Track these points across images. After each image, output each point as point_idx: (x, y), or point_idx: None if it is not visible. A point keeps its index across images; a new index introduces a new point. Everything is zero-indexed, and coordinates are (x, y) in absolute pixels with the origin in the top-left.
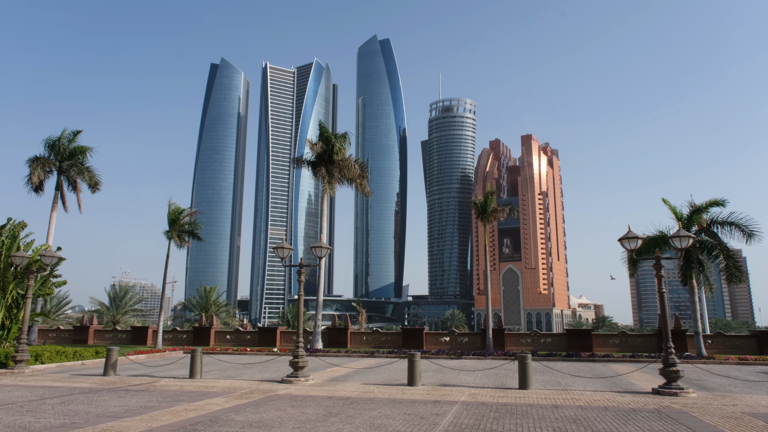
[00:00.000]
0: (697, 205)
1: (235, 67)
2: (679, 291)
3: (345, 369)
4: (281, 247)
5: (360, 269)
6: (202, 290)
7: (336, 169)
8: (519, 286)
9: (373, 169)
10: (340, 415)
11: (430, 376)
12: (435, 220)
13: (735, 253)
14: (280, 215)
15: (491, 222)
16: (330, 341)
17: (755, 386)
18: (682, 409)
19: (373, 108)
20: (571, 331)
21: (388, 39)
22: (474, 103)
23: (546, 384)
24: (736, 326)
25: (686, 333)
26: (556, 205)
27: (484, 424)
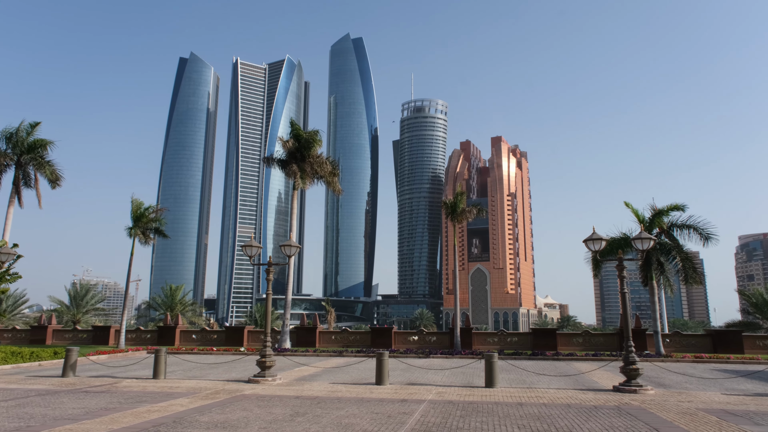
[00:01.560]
0: (659, 209)
1: (205, 62)
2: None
3: (313, 368)
4: (250, 246)
5: (330, 268)
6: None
7: (308, 167)
8: (487, 285)
9: (345, 167)
10: (307, 415)
11: (398, 375)
12: (405, 220)
13: (693, 256)
14: (249, 213)
15: (461, 222)
16: (298, 340)
17: (709, 383)
18: (641, 405)
19: (345, 106)
20: (537, 330)
21: (361, 38)
22: (445, 104)
23: (512, 382)
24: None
25: (646, 332)
26: (524, 207)
27: (450, 422)
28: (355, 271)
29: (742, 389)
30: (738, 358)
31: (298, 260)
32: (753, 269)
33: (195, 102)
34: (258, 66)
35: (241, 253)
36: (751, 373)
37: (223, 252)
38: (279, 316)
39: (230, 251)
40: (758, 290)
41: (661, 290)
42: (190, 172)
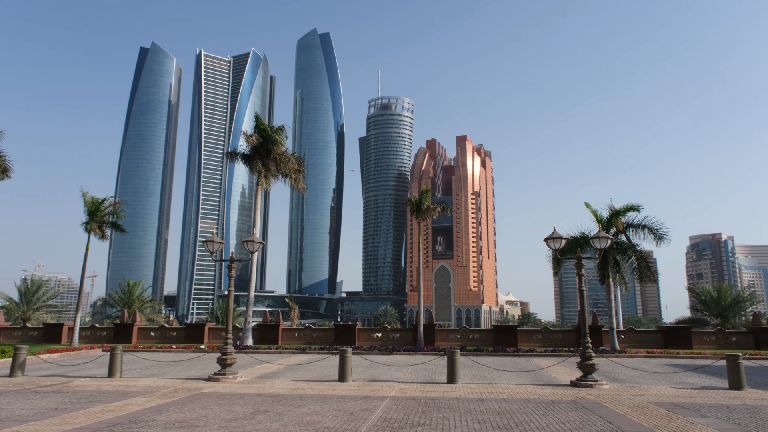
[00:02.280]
0: (616, 209)
1: (167, 53)
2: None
3: (275, 366)
4: (211, 241)
5: (294, 265)
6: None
7: (272, 163)
8: (450, 283)
9: (310, 164)
10: (268, 413)
11: (361, 371)
12: (371, 217)
13: (647, 255)
14: (211, 208)
15: (425, 220)
16: (261, 338)
17: (660, 377)
18: (596, 400)
19: (312, 102)
20: (498, 327)
21: (329, 33)
22: (412, 102)
23: (473, 378)
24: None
25: (602, 329)
26: (487, 205)
27: (412, 418)
28: (319, 268)
29: (690, 383)
30: (687, 353)
31: (261, 256)
32: (702, 268)
33: (156, 94)
34: (222, 59)
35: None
36: (699, 367)
37: (184, 248)
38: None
39: (191, 247)
40: (706, 288)
41: (617, 288)
42: (151, 166)
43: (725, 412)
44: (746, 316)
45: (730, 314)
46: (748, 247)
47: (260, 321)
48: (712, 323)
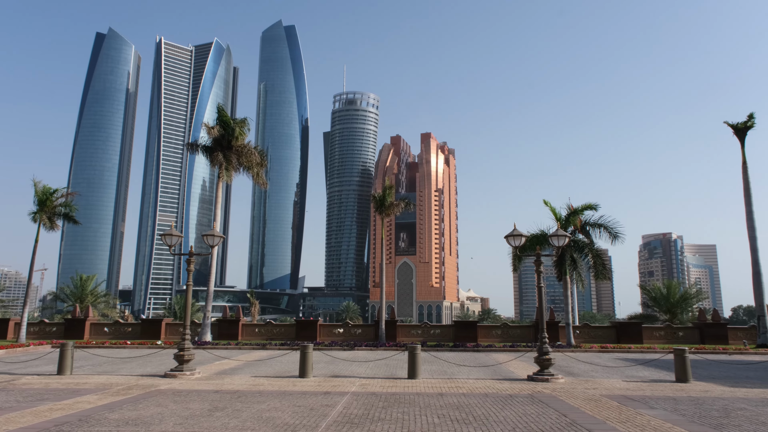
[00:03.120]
0: (574, 208)
1: (125, 39)
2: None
3: (235, 362)
4: (170, 234)
5: (255, 259)
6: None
7: (234, 156)
8: (413, 279)
9: (274, 157)
10: (226, 409)
11: (322, 367)
12: (334, 212)
13: (602, 253)
14: (170, 201)
15: (389, 216)
16: (220, 333)
17: (612, 371)
18: (552, 393)
19: (276, 95)
20: (459, 322)
21: (294, 26)
22: (377, 98)
23: (433, 373)
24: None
25: (559, 324)
26: (450, 202)
27: (372, 413)
28: (281, 263)
29: (640, 376)
30: (638, 348)
31: (222, 251)
32: (653, 266)
33: (113, 81)
34: (184, 48)
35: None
36: (648, 361)
37: (141, 241)
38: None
39: (149, 240)
40: (657, 285)
41: (574, 285)
42: (106, 156)
43: (672, 404)
44: (693, 312)
45: (678, 310)
46: (696, 246)
47: (220, 316)
48: (662, 319)
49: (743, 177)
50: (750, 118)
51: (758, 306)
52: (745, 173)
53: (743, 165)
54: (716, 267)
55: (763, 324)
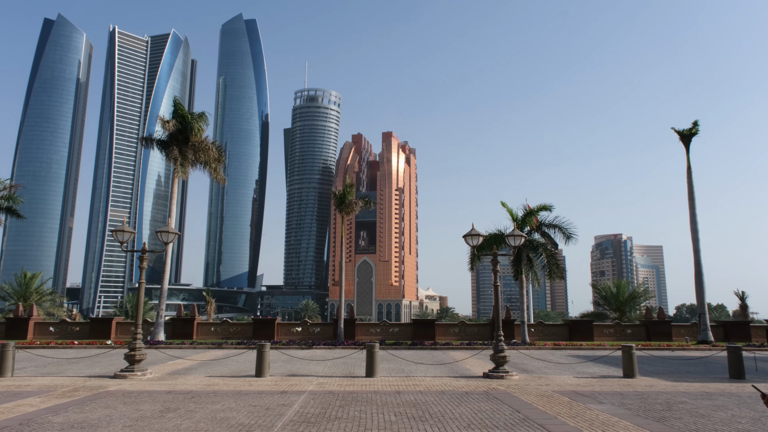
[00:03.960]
0: (530, 208)
1: (76, 27)
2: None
3: (189, 361)
4: (121, 231)
5: (212, 257)
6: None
7: (190, 151)
8: (372, 277)
9: (232, 153)
10: (179, 410)
11: (279, 366)
12: (294, 210)
13: (557, 253)
14: (123, 196)
15: (349, 214)
16: (174, 332)
17: (564, 368)
18: (506, 390)
19: (235, 90)
20: (417, 321)
21: (255, 20)
22: (339, 96)
23: (391, 371)
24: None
25: (515, 322)
26: (410, 201)
27: (329, 412)
28: (239, 261)
29: (590, 372)
30: (588, 345)
31: (177, 248)
32: (605, 266)
33: (62, 70)
34: (139, 38)
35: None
36: (598, 357)
37: (92, 237)
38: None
39: (100, 236)
40: (607, 285)
41: (530, 284)
42: (54, 148)
43: (619, 399)
44: (640, 310)
45: (627, 308)
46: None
47: (174, 315)
48: (612, 317)
49: (688, 181)
50: (695, 126)
51: (699, 304)
52: (690, 177)
53: (688, 170)
54: (662, 267)
55: (704, 321)
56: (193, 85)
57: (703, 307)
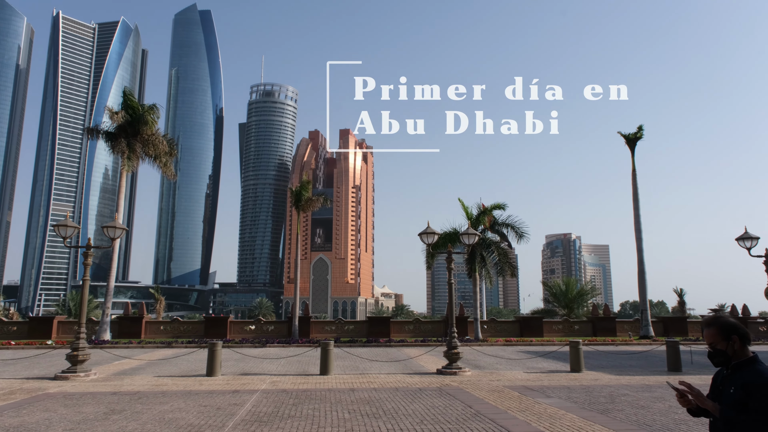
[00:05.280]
0: (485, 207)
1: (15, 9)
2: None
3: (136, 361)
4: (64, 225)
5: (162, 254)
6: None
7: (139, 144)
8: (328, 275)
9: (185, 147)
10: (124, 412)
11: (231, 365)
12: (249, 206)
13: (509, 251)
14: (67, 189)
15: (306, 211)
16: (121, 332)
17: (515, 363)
18: (459, 386)
19: (189, 82)
20: (373, 318)
21: (209, 11)
22: (296, 91)
23: (346, 369)
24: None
25: (468, 319)
26: (367, 199)
27: (282, 410)
28: (191, 258)
29: (539, 367)
30: (538, 341)
31: (125, 244)
32: (555, 264)
33: (0, 55)
34: (85, 24)
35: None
36: (548, 353)
37: (32, 232)
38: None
39: (41, 231)
40: (557, 282)
41: (483, 281)
42: None
43: (566, 392)
44: (587, 307)
45: (575, 305)
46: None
47: (121, 314)
48: (561, 313)
49: (632, 183)
50: (639, 130)
51: (642, 301)
52: (635, 180)
53: (633, 172)
54: (609, 265)
55: (645, 318)
56: (143, 76)
57: (645, 304)
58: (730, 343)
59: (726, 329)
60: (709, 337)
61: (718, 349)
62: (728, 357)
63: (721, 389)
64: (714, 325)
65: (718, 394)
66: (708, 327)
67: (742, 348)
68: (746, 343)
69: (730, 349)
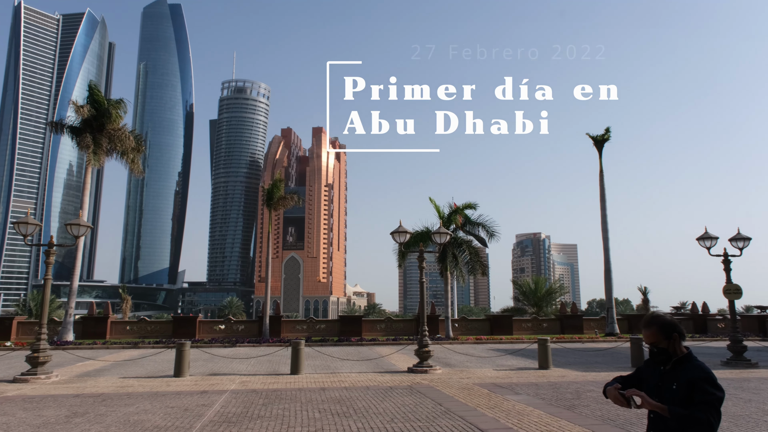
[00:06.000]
0: (457, 207)
1: None
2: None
3: (101, 362)
4: (25, 222)
5: (129, 252)
6: None
7: (105, 140)
8: (300, 274)
9: (153, 143)
10: (87, 415)
11: (200, 365)
12: (219, 204)
13: (480, 250)
14: (29, 185)
15: (278, 210)
16: (85, 332)
17: (485, 361)
18: (429, 384)
19: (158, 77)
20: (344, 317)
21: (180, 4)
22: (268, 88)
23: (317, 368)
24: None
25: (439, 318)
26: (340, 198)
27: (252, 411)
28: (159, 257)
29: (508, 365)
30: (508, 339)
31: (90, 242)
32: (524, 263)
33: None
34: (49, 15)
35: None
36: (517, 350)
37: None
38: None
39: (0, 229)
40: (527, 281)
41: (455, 280)
42: None
43: (534, 389)
44: (556, 305)
45: (544, 304)
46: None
47: (86, 314)
48: (530, 312)
49: (600, 184)
50: (607, 132)
51: (608, 299)
52: (602, 180)
53: (600, 173)
54: (577, 264)
55: (611, 315)
56: (110, 70)
57: (611, 302)
58: (671, 341)
59: (667, 328)
60: (651, 336)
61: (660, 347)
62: (670, 355)
63: (660, 386)
64: (654, 324)
65: (657, 390)
66: (648, 327)
67: (680, 345)
68: (683, 339)
69: (672, 347)
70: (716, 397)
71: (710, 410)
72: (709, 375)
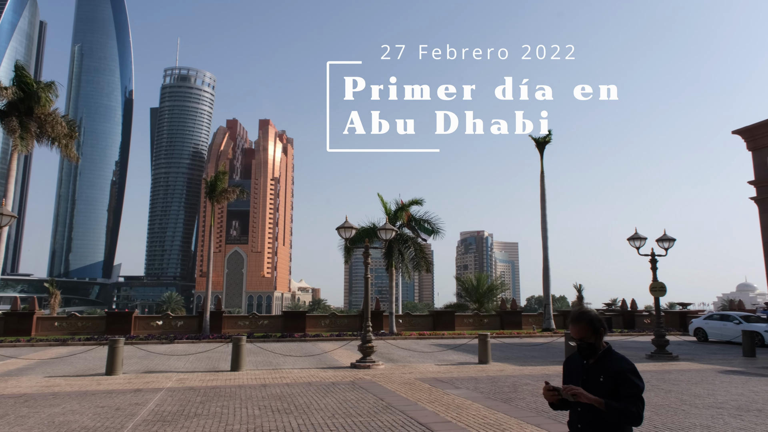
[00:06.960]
0: (403, 203)
1: None
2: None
3: (24, 361)
4: None
5: (60, 244)
6: None
7: (34, 124)
8: (243, 269)
9: (89, 130)
10: (7, 417)
11: (135, 363)
12: (159, 196)
13: (425, 247)
14: None
15: (221, 203)
16: (8, 329)
17: (427, 356)
18: (372, 379)
19: (94, 60)
20: (288, 313)
21: None
22: (214, 78)
23: (258, 365)
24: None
25: (383, 313)
26: (286, 192)
27: (188, 409)
28: (93, 249)
29: (450, 360)
30: (450, 334)
31: (16, 233)
32: (468, 260)
33: None
34: None
35: None
36: (458, 346)
37: None
38: None
39: None
40: (469, 277)
41: (400, 276)
42: None
43: (473, 383)
44: (497, 301)
45: (486, 300)
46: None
47: (8, 309)
48: (472, 308)
49: (541, 184)
50: (548, 134)
51: (545, 296)
52: (543, 181)
53: (541, 174)
54: (518, 262)
55: (548, 312)
56: (41, 50)
57: (548, 298)
58: (598, 336)
59: (595, 324)
60: (580, 332)
61: (589, 342)
62: (596, 349)
63: (585, 379)
64: (583, 320)
65: (584, 384)
66: (577, 323)
67: (603, 339)
68: (606, 334)
69: (598, 341)
70: (641, 388)
71: (638, 402)
72: (633, 367)
